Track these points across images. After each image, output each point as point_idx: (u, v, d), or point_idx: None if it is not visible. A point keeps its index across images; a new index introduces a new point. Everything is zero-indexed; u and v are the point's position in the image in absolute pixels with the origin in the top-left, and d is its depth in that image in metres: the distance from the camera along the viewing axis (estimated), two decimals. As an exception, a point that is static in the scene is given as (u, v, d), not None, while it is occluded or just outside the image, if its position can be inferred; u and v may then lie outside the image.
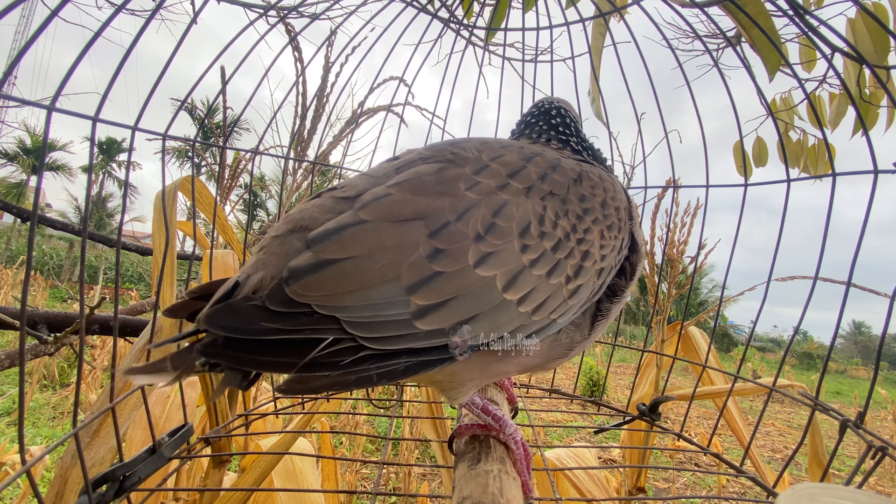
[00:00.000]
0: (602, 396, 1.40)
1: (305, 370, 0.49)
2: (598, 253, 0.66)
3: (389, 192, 0.59)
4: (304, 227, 0.59)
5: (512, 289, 0.58)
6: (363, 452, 4.62)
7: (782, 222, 0.97)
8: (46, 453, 0.66)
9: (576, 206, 0.66)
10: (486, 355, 0.61)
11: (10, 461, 2.16)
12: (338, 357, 0.50)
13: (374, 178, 0.64)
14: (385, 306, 0.52)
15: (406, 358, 0.53)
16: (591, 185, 0.70)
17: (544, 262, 0.61)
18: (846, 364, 27.32)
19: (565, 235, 0.63)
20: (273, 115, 1.17)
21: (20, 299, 0.66)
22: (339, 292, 0.52)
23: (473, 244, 0.57)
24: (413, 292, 0.53)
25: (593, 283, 0.66)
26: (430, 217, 0.57)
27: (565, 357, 0.72)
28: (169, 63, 0.73)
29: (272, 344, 0.50)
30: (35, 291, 9.41)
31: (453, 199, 0.59)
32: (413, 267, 0.54)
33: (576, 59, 1.37)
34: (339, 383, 0.51)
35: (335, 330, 0.51)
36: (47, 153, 28.13)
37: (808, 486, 0.46)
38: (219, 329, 0.49)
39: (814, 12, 1.11)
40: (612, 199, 0.72)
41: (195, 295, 0.62)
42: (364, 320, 0.51)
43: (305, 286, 0.52)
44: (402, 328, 0.53)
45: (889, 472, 6.15)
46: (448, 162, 0.65)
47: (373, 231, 0.56)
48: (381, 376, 0.52)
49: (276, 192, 2.16)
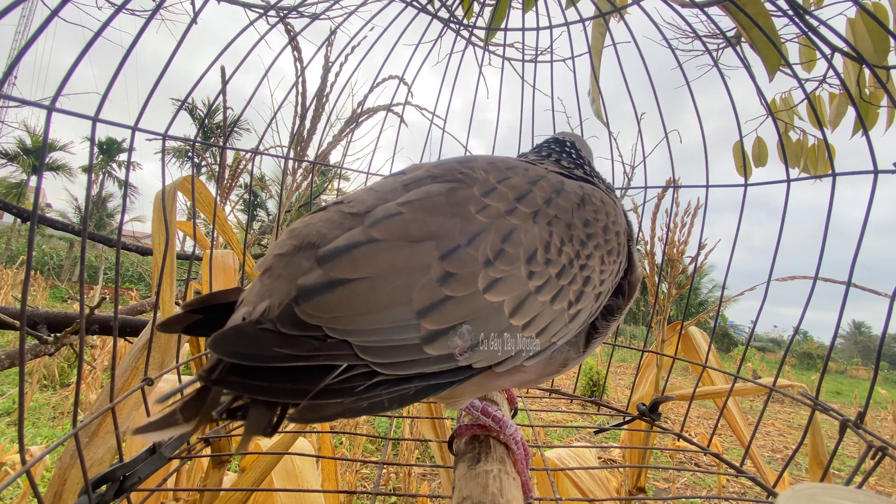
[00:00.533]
0: (602, 396, 1.40)
1: (317, 397, 0.47)
2: (598, 278, 0.68)
3: (401, 211, 0.59)
4: (311, 244, 0.57)
5: (518, 314, 0.58)
6: (363, 452, 4.63)
7: (782, 222, 0.97)
8: (46, 453, 0.66)
9: (580, 231, 0.67)
10: (484, 374, 0.61)
11: (10, 461, 2.16)
12: (351, 384, 0.49)
13: (381, 193, 0.63)
14: (396, 330, 0.51)
15: (417, 382, 0.52)
16: (594, 210, 0.71)
17: (549, 289, 0.61)
18: (846, 364, 27.32)
19: (569, 262, 0.64)
20: (273, 115, 1.17)
21: (20, 299, 0.66)
22: (351, 314, 0.50)
23: (483, 269, 0.56)
24: (424, 316, 0.52)
25: (591, 306, 0.68)
26: (441, 239, 0.57)
27: (559, 372, 0.73)
28: (169, 63, 0.73)
29: (282, 370, 0.47)
30: (35, 291, 9.41)
31: (464, 221, 0.59)
32: (424, 290, 0.53)
33: (576, 59, 1.37)
34: (351, 410, 0.49)
35: (349, 356, 0.49)
36: (47, 153, 28.12)
37: (808, 486, 0.46)
38: (228, 356, 0.45)
39: (814, 12, 1.11)
40: (614, 223, 0.73)
41: (191, 307, 0.60)
42: (376, 345, 0.50)
43: (316, 307, 0.50)
44: (413, 353, 0.52)
45: (889, 472, 6.15)
46: (458, 182, 0.64)
47: (385, 251, 0.55)
48: (392, 401, 0.51)
49: (276, 191, 2.16)
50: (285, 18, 1.32)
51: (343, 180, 2.16)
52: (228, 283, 1.40)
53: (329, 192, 3.31)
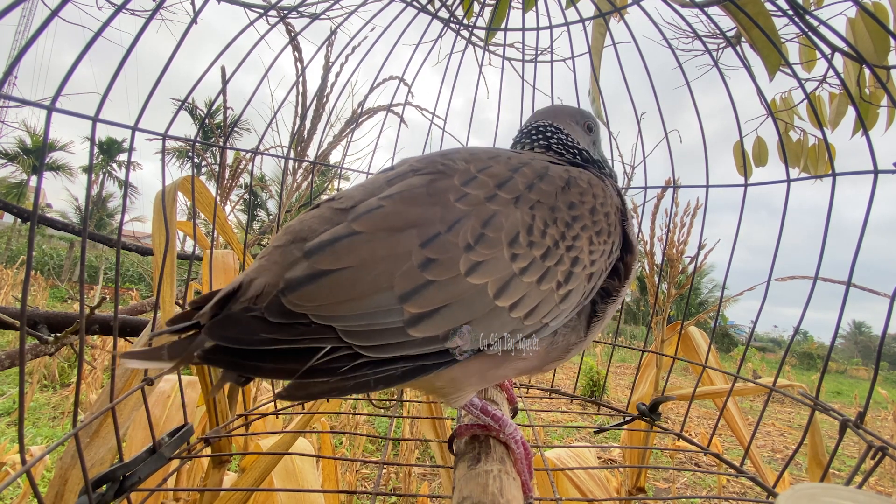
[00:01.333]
0: (602, 396, 1.40)
1: (304, 377, 0.51)
2: (587, 258, 0.68)
3: (382, 204, 0.61)
4: (303, 238, 0.61)
5: (503, 296, 0.59)
6: (363, 452, 4.63)
7: (782, 222, 0.97)
8: (46, 453, 0.66)
9: (564, 213, 0.68)
10: (484, 361, 0.62)
11: (10, 461, 2.16)
12: (336, 364, 0.52)
13: (369, 189, 0.66)
14: (379, 315, 0.54)
15: (402, 364, 0.55)
16: (579, 192, 0.71)
17: (534, 270, 0.62)
18: (846, 364, 27.32)
19: (554, 243, 0.65)
20: (273, 115, 1.17)
21: (20, 299, 0.66)
22: (335, 302, 0.54)
23: (464, 254, 0.58)
24: (406, 301, 0.55)
25: (584, 287, 0.68)
26: (421, 228, 0.59)
27: (562, 358, 0.74)
28: (169, 63, 0.73)
29: (272, 351, 0.51)
30: (35, 291, 9.41)
31: (444, 209, 0.61)
32: (405, 276, 0.56)
33: (576, 59, 1.37)
34: (337, 389, 0.52)
35: (332, 339, 0.52)
36: (47, 153, 28.14)
37: (808, 486, 0.46)
38: (220, 339, 0.50)
39: (814, 12, 1.11)
40: (602, 204, 0.73)
41: (197, 305, 0.63)
42: (359, 329, 0.53)
43: (302, 297, 0.53)
44: (397, 336, 0.54)
45: (889, 472, 6.15)
46: (438, 174, 0.66)
47: (366, 242, 0.58)
48: (378, 381, 0.54)
49: (276, 192, 2.16)
50: (285, 18, 1.32)
51: (343, 180, 2.16)
52: (228, 282, 1.40)
53: (329, 191, 3.32)
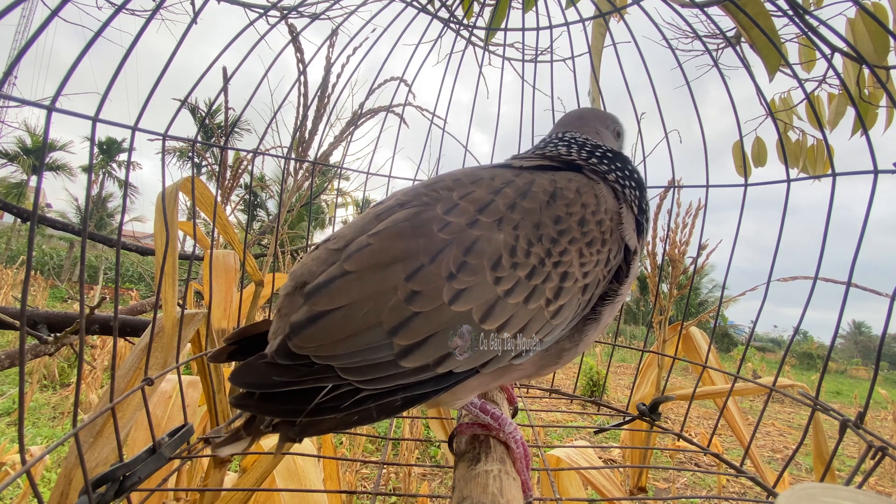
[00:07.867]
0: (602, 396, 1.40)
1: (313, 414, 0.55)
2: (578, 272, 0.68)
3: (370, 242, 0.63)
4: (304, 282, 0.64)
5: (489, 319, 0.61)
6: (363, 452, 4.63)
7: (782, 222, 0.97)
8: (46, 453, 0.66)
9: (549, 229, 0.67)
10: (480, 377, 0.64)
11: (10, 461, 2.16)
12: (339, 401, 0.56)
13: (359, 227, 0.68)
14: (371, 351, 0.57)
15: (402, 394, 0.58)
16: (565, 204, 0.70)
17: (520, 290, 0.63)
18: (846, 364, 27.30)
19: (539, 261, 0.65)
20: (273, 115, 1.17)
21: (20, 299, 0.66)
22: (331, 342, 0.57)
23: (446, 283, 0.60)
24: (395, 334, 0.57)
25: (577, 300, 0.68)
26: (406, 262, 0.61)
27: (557, 364, 0.74)
28: (168, 64, 0.73)
29: (283, 393, 0.56)
30: (35, 291, 9.41)
31: (427, 241, 0.62)
32: (393, 311, 0.58)
33: (576, 59, 1.37)
34: (344, 423, 0.57)
35: (333, 377, 0.56)
36: (47, 153, 28.14)
37: (808, 486, 0.46)
38: (242, 386, 0.56)
39: (814, 12, 1.11)
40: (594, 213, 0.72)
41: (231, 340, 0.71)
42: (354, 366, 0.57)
43: (303, 339, 0.57)
44: (389, 368, 0.57)
45: (889, 472, 6.15)
46: (424, 206, 0.67)
47: (356, 281, 0.60)
48: (380, 412, 0.58)
49: (276, 192, 2.16)
50: (286, 18, 1.32)
51: (343, 180, 2.16)
52: (229, 282, 1.40)
53: (329, 191, 3.31)
